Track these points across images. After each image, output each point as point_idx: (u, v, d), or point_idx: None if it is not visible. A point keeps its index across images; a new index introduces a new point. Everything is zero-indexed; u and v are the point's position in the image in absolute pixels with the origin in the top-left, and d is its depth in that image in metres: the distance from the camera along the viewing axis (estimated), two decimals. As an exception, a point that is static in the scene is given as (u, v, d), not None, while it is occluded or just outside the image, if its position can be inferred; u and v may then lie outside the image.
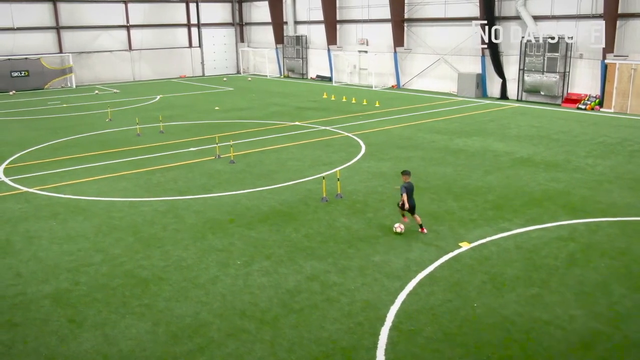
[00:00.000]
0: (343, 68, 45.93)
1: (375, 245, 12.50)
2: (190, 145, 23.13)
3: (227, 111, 32.22)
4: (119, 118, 30.21)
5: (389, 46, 41.70)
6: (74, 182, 18.05)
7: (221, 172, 18.92)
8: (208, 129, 26.69)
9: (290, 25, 50.06)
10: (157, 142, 23.98)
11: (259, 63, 55.41)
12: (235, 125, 27.74)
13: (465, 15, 36.34)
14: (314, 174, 18.37)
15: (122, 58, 50.16)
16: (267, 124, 27.64)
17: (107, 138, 25.07)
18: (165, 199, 16.13)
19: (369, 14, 43.15)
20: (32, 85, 44.61)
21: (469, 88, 36.12)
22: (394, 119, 28.48)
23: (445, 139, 23.62)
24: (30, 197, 16.59)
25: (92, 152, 22.31)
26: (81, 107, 34.95)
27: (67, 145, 23.77)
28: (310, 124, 27.54)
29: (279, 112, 31.28)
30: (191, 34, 53.67)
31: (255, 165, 19.76)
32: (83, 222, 14.37)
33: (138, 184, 17.74)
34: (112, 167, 19.89)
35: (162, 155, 21.56)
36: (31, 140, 24.75)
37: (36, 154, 22.26)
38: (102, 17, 48.49)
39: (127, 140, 24.40)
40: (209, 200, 15.94)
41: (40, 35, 45.81)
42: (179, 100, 37.07)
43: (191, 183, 17.72)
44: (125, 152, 22.23)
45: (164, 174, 18.85)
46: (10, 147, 23.44)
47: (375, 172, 18.58)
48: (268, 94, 39.70)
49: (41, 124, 28.93)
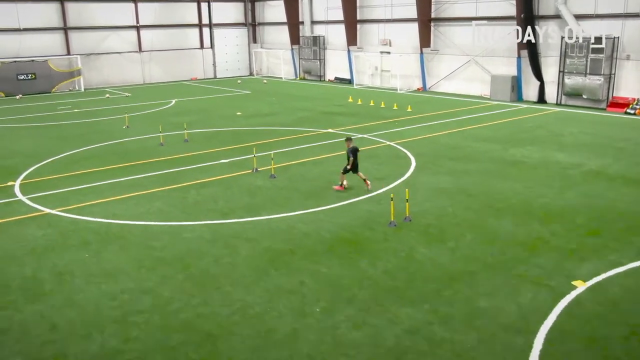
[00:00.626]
0: (364, 70, 43.98)
1: (473, 285, 10.54)
2: (219, 156, 21.16)
3: (250, 117, 30.24)
4: (135, 125, 28.24)
5: (415, 47, 39.74)
6: (99, 201, 16.07)
7: (263, 189, 16.95)
8: (234, 137, 24.72)
9: (307, 25, 48.09)
10: (183, 152, 22.00)
11: (273, 64, 53.43)
12: (263, 133, 25.76)
13: (499, 15, 34.39)
14: (369, 191, 16.41)
15: (131, 60, 48.16)
16: (297, 132, 25.66)
17: (127, 148, 23.08)
18: (208, 223, 14.15)
19: (392, 14, 41.19)
20: (39, 89, 42.59)
21: (503, 91, 34.17)
22: (433, 126, 26.51)
23: (498, 148, 21.66)
24: (53, 220, 14.61)
25: (114, 164, 20.34)
26: (94, 112, 32.97)
27: (85, 156, 21.78)
28: (344, 131, 25.58)
29: (306, 118, 29.31)
30: (202, 34, 51.69)
31: (298, 181, 17.79)
32: (119, 253, 12.40)
33: (173, 203, 15.77)
34: (140, 182, 17.92)
35: (193, 168, 19.58)
36: (45, 151, 22.77)
37: (53, 167, 20.27)
38: (111, 17, 46.50)
39: (151, 151, 22.42)
40: (259, 225, 13.97)
41: (47, 36, 43.81)
42: (196, 105, 35.10)
43: (233, 202, 15.75)
44: (151, 164, 20.25)
45: (199, 191, 16.87)
46: (23, 159, 21.46)
47: (436, 189, 16.62)
48: (289, 97, 37.74)
49: (53, 132, 26.93)
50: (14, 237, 13.47)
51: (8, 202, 16.15)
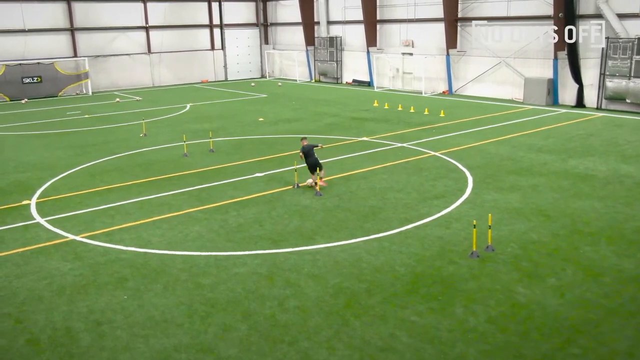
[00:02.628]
0: (384, 72, 42.12)
1: (603, 339, 8.69)
2: (252, 169, 19.29)
3: (273, 123, 28.37)
4: (152, 132, 26.36)
5: (440, 48, 37.91)
6: (129, 224, 14.21)
7: (311, 209, 15.09)
8: (263, 146, 22.86)
9: (323, 26, 46.24)
10: (211, 163, 20.13)
11: (286, 66, 51.56)
12: (292, 141, 23.88)
13: (533, 14, 32.57)
14: (431, 212, 14.56)
15: (140, 62, 46.26)
16: (329, 140, 23.79)
17: (149, 159, 21.21)
18: (260, 253, 12.29)
19: (415, 13, 39.34)
20: (45, 93, 40.68)
21: (538, 95, 32.34)
22: (473, 133, 24.65)
23: (556, 159, 19.82)
24: (79, 249, 12.74)
25: (138, 178, 18.46)
26: (106, 118, 31.08)
27: (104, 169, 19.90)
28: (379, 139, 23.74)
29: (335, 125, 27.45)
30: (213, 35, 49.79)
31: (349, 199, 15.93)
32: (164, 293, 10.53)
33: (213, 227, 13.90)
34: (171, 201, 16.05)
35: (226, 183, 17.71)
36: (59, 163, 20.90)
37: (70, 181, 18.39)
38: (120, 17, 44.59)
39: (175, 163, 20.55)
40: (319, 255, 12.11)
41: (53, 37, 41.90)
42: (213, 110, 33.21)
43: (281, 226, 13.89)
44: (179, 179, 18.38)
45: (240, 212, 15.01)
46: (36, 172, 19.58)
47: (507, 209, 14.77)
48: (309, 101, 35.87)
49: (66, 141, 25.04)
50: (38, 271, 11.61)
51: (26, 226, 14.28)
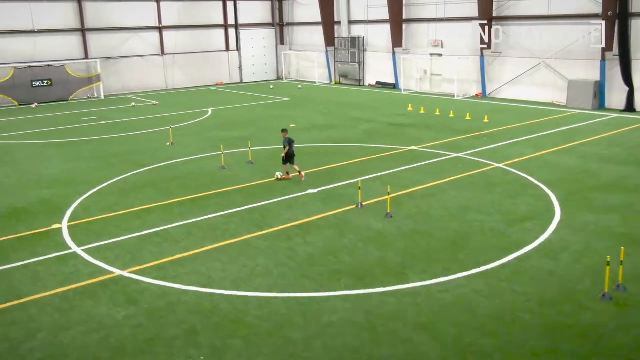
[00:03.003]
0: (411, 74, 40.19)
1: None
2: (301, 184, 17.33)
3: (306, 130, 26.41)
4: (179, 140, 24.39)
5: (473, 49, 36.00)
6: (181, 255, 12.26)
7: (387, 236, 13.15)
8: (304, 157, 20.83)
9: (344, 26, 44.33)
10: (254, 178, 18.17)
11: (304, 68, 49.62)
12: (333, 151, 21.97)
13: (578, 12, 30.66)
14: (528, 239, 12.62)
15: (154, 64, 44.28)
16: (373, 150, 21.88)
17: (183, 172, 19.24)
18: (348, 295, 10.34)
19: (445, 12, 37.43)
20: (56, 96, 38.68)
21: (584, 98, 30.44)
22: (528, 141, 22.72)
23: (636, 172, 17.91)
24: (130, 288, 10.79)
25: (177, 196, 16.50)
26: (124, 125, 29.11)
27: (135, 185, 17.93)
28: (429, 148, 21.83)
29: (374, 132, 25.50)
30: (228, 35, 47.83)
31: (424, 221, 14.00)
32: (248, 353, 8.57)
33: (280, 259, 11.95)
34: (221, 225, 14.09)
35: (278, 202, 15.76)
36: (84, 177, 18.92)
37: (101, 200, 16.43)
38: (132, 17, 42.62)
39: (213, 177, 18.59)
40: (419, 298, 10.16)
41: (63, 38, 39.91)
42: (236, 115, 31.25)
43: (361, 258, 11.95)
44: (223, 197, 16.42)
45: (306, 238, 13.06)
46: (61, 189, 17.61)
47: (615, 234, 12.83)
48: (336, 105, 33.91)
49: (86, 150, 23.07)
50: (87, 320, 9.65)
51: (61, 258, 12.33)
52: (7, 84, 36.92)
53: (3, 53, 37.55)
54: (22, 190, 17.53)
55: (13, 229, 14.15)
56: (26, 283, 11.11)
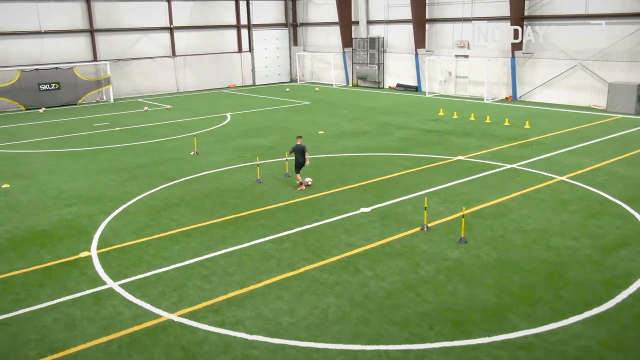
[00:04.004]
0: (434, 76, 38.50)
1: None
2: (350, 201, 15.65)
3: (337, 137, 24.70)
4: (202, 149, 22.67)
5: (502, 50, 34.35)
6: (237, 292, 10.54)
7: (467, 266, 11.45)
8: (344, 169, 19.20)
9: (362, 26, 42.61)
10: (296, 194, 16.45)
11: (319, 69, 47.91)
12: (374, 161, 20.27)
13: (619, 12, 29.01)
14: (634, 271, 10.95)
15: (164, 65, 42.53)
16: (418, 160, 20.18)
17: (216, 187, 17.51)
18: (449, 347, 8.64)
19: (472, 12, 35.77)
20: (64, 100, 36.93)
21: (626, 102, 28.77)
22: (582, 150, 21.04)
23: None
24: (185, 338, 9.06)
25: (215, 216, 14.78)
26: (139, 131, 27.38)
27: (166, 202, 16.19)
28: (477, 158, 20.15)
29: (412, 140, 23.79)
30: (241, 36, 46.11)
31: (505, 248, 12.29)
32: None
33: (355, 298, 10.22)
34: (273, 252, 12.37)
35: (330, 223, 14.05)
36: (108, 192, 17.20)
37: (131, 220, 14.69)
38: (142, 18, 40.87)
39: (251, 192, 16.86)
40: (536, 351, 8.44)
41: (71, 39, 38.13)
42: (257, 120, 29.51)
43: (449, 297, 10.23)
44: (267, 217, 14.70)
45: (376, 270, 11.36)
46: (83, 207, 15.89)
47: None
48: (361, 109, 32.20)
49: (104, 161, 21.34)
50: (139, 384, 7.96)
51: (97, 295, 10.61)
52: (13, 88, 35.14)
53: (9, 55, 35.78)
54: (42, 209, 15.80)
55: (36, 257, 12.44)
56: (60, 331, 9.39)
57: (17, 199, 16.80)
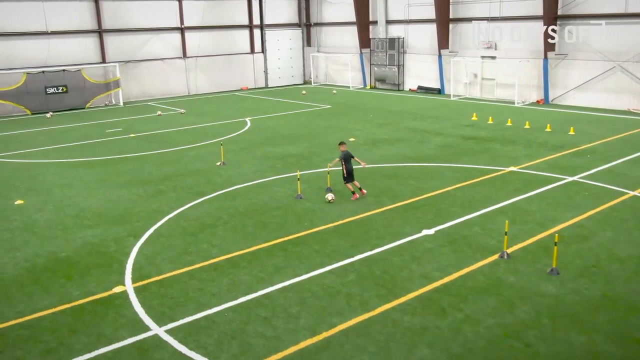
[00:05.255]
0: (459, 78, 36.86)
1: None
2: (407, 221, 14.00)
3: (370, 144, 23.02)
4: (228, 158, 21.00)
5: (533, 51, 32.73)
6: (309, 342, 8.89)
7: (571, 305, 9.79)
8: (388, 182, 17.53)
9: (381, 26, 40.96)
10: (344, 212, 14.77)
11: (333, 71, 46.24)
12: (421, 172, 18.60)
13: (663, 10, 27.48)
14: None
15: (175, 67, 40.83)
16: (468, 172, 18.52)
17: (253, 204, 15.82)
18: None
19: (500, 11, 34.14)
20: (71, 104, 35.22)
21: (671, 106, 27.23)
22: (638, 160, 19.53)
23: None
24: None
25: (259, 240, 13.10)
26: (156, 138, 25.70)
27: (201, 222, 14.50)
28: (530, 169, 18.51)
29: (452, 148, 22.13)
30: (253, 37, 44.42)
31: (605, 282, 10.61)
32: None
33: (452, 349, 8.56)
34: (338, 286, 10.68)
35: (392, 249, 12.38)
36: (134, 210, 15.51)
37: (166, 245, 12.99)
38: (152, 17, 39.15)
39: (293, 210, 15.18)
40: None
41: (79, 40, 36.41)
42: (281, 126, 27.82)
43: (561, 346, 8.57)
44: (318, 240, 13.03)
45: (464, 310, 9.68)
46: (109, 227, 14.20)
47: None
48: (386, 113, 30.52)
49: (125, 172, 19.65)
50: None
51: (140, 344, 8.93)
52: (18, 91, 33.41)
53: (14, 57, 34.07)
54: (62, 231, 14.12)
55: (63, 293, 10.77)
56: (105, 397, 7.75)
57: (33, 218, 15.12)
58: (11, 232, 14.19)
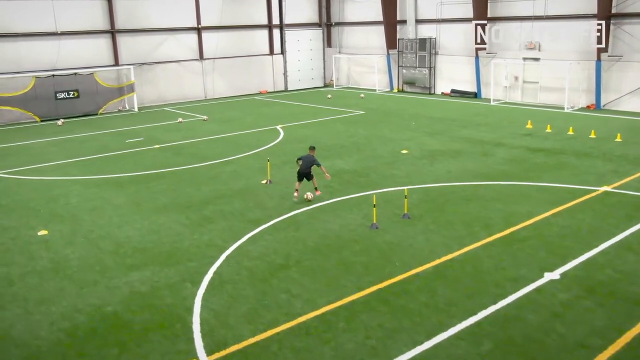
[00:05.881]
0: (498, 81, 34.46)
1: None
2: (518, 260, 11.61)
3: (428, 158, 20.57)
4: (273, 175, 18.54)
5: (582, 52, 30.38)
6: None
7: None
8: (468, 207, 15.12)
9: (410, 26, 38.55)
10: (438, 249, 12.37)
11: (356, 73, 43.78)
12: (502, 193, 16.19)
13: None
14: None
15: (191, 69, 38.32)
16: (554, 192, 16.13)
17: (322, 236, 13.36)
18: None
19: (545, 9, 31.77)
20: (83, 110, 32.71)
21: None
22: None
23: None
24: None
25: (351, 289, 10.64)
26: (185, 150, 23.22)
27: (270, 261, 12.03)
28: (625, 189, 16.14)
29: (520, 161, 19.70)
30: (272, 37, 41.96)
31: None
32: None
33: None
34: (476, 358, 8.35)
35: (515, 303, 9.97)
36: (181, 243, 13.06)
37: (234, 295, 10.51)
38: (168, 17, 36.62)
39: (373, 244, 12.73)
40: None
41: (91, 41, 33.88)
42: (316, 135, 25.33)
43: None
44: (419, 287, 10.60)
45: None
46: (159, 271, 11.71)
47: None
48: (429, 120, 28.07)
49: (160, 193, 17.15)
50: None
51: None
52: (27, 97, 30.87)
53: (21, 60, 31.52)
54: (101, 274, 11.65)
55: (119, 370, 8.35)
56: None
57: (63, 256, 12.65)
58: (39, 275, 11.73)
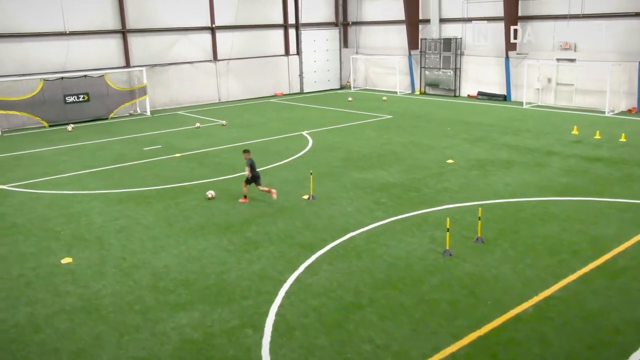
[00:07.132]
0: (530, 83, 32.77)
1: None
2: (620, 293, 9.94)
3: (478, 169, 18.87)
4: (317, 190, 16.83)
5: (623, 53, 28.73)
6: None
7: None
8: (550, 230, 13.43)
9: (434, 25, 36.89)
10: (535, 284, 10.68)
11: (375, 75, 42.07)
12: (576, 211, 14.49)
13: None
14: None
15: (204, 71, 36.58)
16: (635, 210, 14.48)
17: (391, 266, 11.62)
18: None
19: (582, 7, 30.11)
20: (93, 114, 30.96)
21: None
22: None
23: None
24: None
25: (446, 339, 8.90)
26: (208, 159, 21.48)
27: (338, 299, 10.29)
28: None
29: (583, 174, 17.99)
30: (288, 37, 40.24)
31: None
32: None
33: None
34: None
35: (657, 356, 8.34)
36: (229, 275, 11.32)
37: (308, 347, 8.75)
38: (181, 16, 34.91)
39: (454, 277, 10.98)
40: None
41: (101, 42, 32.11)
42: (348, 142, 23.58)
43: None
44: (527, 336, 8.88)
45: None
46: (211, 310, 9.96)
47: None
48: (464, 125, 26.32)
49: (189, 210, 15.40)
50: None
51: None
52: (34, 100, 29.09)
53: (28, 62, 29.75)
54: (142, 316, 9.89)
55: None
56: None
57: (94, 291, 10.90)
58: (69, 316, 9.99)
